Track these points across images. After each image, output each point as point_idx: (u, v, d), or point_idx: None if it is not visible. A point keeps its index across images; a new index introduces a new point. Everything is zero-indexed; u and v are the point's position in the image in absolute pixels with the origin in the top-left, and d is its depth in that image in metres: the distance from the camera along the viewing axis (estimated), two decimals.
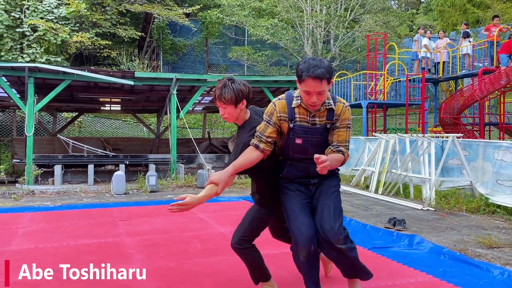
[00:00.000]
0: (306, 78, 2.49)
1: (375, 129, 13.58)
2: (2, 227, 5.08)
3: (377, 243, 4.33)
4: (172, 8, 18.03)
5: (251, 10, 19.27)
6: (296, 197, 2.69)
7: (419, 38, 13.71)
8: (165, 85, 10.24)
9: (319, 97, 2.54)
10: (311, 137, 2.66)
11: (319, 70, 2.47)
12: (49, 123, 14.90)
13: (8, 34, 14.20)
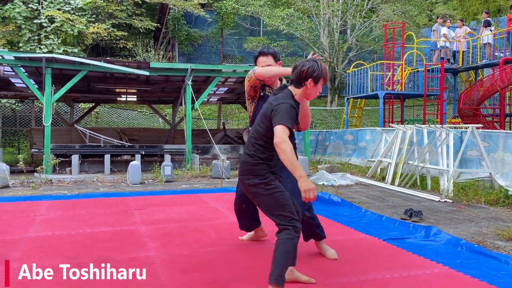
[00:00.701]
0: None
1: (392, 120, 13.39)
2: (21, 215, 5.17)
3: (393, 234, 4.27)
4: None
5: (266, 0, 19.11)
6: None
7: (438, 27, 13.42)
8: (180, 75, 10.25)
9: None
10: None
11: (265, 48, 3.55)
12: (67, 113, 15.11)
13: (26, 25, 14.39)
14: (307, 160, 9.82)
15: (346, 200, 6.15)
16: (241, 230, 3.94)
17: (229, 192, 7.00)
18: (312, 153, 13.26)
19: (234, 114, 19.25)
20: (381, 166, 8.96)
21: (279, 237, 2.71)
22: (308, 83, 2.77)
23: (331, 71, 19.01)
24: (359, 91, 13.33)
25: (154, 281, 2.99)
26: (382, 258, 3.53)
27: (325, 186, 7.65)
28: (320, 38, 18.96)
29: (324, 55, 18.83)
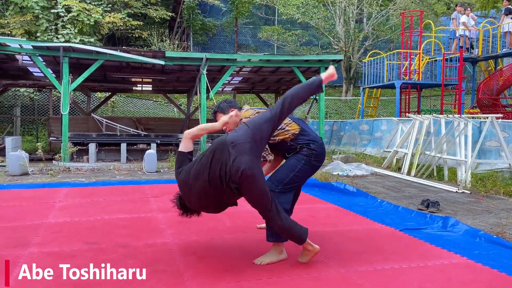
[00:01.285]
0: None
1: (409, 110, 13.22)
2: (40, 201, 5.28)
3: (409, 225, 4.24)
4: None
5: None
6: None
7: (457, 15, 13.13)
8: (195, 65, 10.25)
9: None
10: None
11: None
12: (84, 102, 15.29)
13: (43, 15, 14.53)
14: None
15: (361, 190, 6.12)
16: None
17: None
18: (326, 143, 13.19)
19: (249, 103, 19.24)
20: (397, 156, 8.87)
21: None
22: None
23: (347, 61, 18.78)
24: (375, 81, 13.16)
25: (171, 267, 3.03)
26: (399, 248, 3.51)
27: (340, 176, 7.61)
28: (335, 27, 18.71)
29: (340, 45, 18.62)
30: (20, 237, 3.70)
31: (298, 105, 3.28)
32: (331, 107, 19.25)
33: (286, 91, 12.92)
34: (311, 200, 5.54)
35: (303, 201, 5.45)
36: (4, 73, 11.53)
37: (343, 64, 18.87)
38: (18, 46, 8.89)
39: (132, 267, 2.99)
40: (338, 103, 19.77)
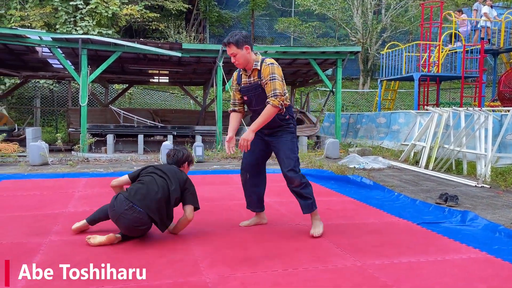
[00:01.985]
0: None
1: (427, 103, 13.02)
2: (60, 191, 5.38)
3: (427, 218, 4.19)
4: None
5: None
6: (253, 142, 3.49)
7: (479, 6, 12.82)
8: (212, 57, 10.26)
9: (234, 58, 3.47)
10: (251, 93, 3.55)
11: (226, 39, 3.46)
12: (102, 94, 15.48)
13: (62, 7, 14.71)
14: (338, 143, 9.71)
15: (378, 183, 6.07)
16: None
17: None
18: (343, 136, 13.10)
19: None
20: (414, 149, 8.76)
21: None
22: (185, 166, 3.74)
23: (364, 53, 18.55)
24: (393, 73, 12.98)
25: (189, 256, 3.06)
26: (416, 242, 3.48)
27: (356, 169, 7.56)
28: (353, 19, 18.48)
29: (357, 36, 18.39)
30: (40, 226, 3.78)
31: None
32: (347, 100, 19.09)
33: (302, 83, 12.79)
34: (327, 193, 5.53)
35: (319, 193, 5.44)
36: (24, 65, 11.74)
37: (361, 56, 18.65)
38: (38, 38, 9.03)
39: (149, 256, 3.04)
40: (355, 96, 19.59)
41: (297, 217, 4.20)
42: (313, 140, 11.33)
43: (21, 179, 6.22)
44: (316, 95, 18.95)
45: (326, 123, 14.65)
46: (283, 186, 5.87)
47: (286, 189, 5.66)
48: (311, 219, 3.65)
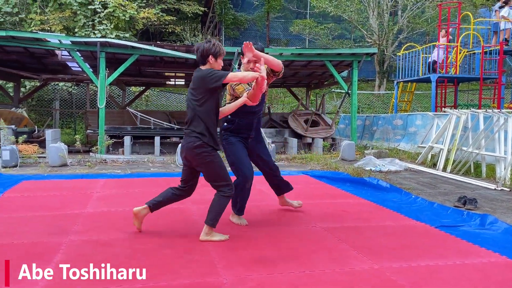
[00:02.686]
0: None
1: (445, 104, 12.84)
2: (79, 192, 5.48)
3: (445, 222, 4.14)
4: None
5: None
6: (242, 147, 3.94)
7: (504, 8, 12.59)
8: (227, 59, 10.30)
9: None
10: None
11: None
12: (119, 96, 15.68)
13: (81, 11, 14.97)
14: (354, 145, 9.65)
15: (395, 185, 6.02)
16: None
17: None
18: (359, 138, 13.01)
19: (279, 98, 19.18)
20: (432, 152, 8.65)
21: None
22: (210, 59, 3.43)
23: (380, 54, 18.40)
24: (409, 75, 12.85)
25: (205, 257, 3.09)
26: (434, 245, 3.44)
27: (372, 172, 7.50)
28: (369, 20, 18.35)
29: (373, 38, 18.25)
30: (60, 225, 3.86)
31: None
32: (363, 102, 18.95)
33: (317, 85, 12.75)
34: (343, 195, 5.50)
35: (334, 195, 5.43)
36: (44, 68, 11.98)
37: (377, 57, 18.51)
38: (58, 42, 9.21)
39: (167, 257, 3.08)
40: (371, 97, 19.44)
41: (313, 219, 4.20)
42: (329, 142, 11.29)
43: (41, 180, 6.35)
44: (331, 97, 18.87)
45: (342, 125, 14.57)
46: (300, 188, 5.87)
47: (301, 191, 5.67)
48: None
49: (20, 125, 10.44)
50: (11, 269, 2.79)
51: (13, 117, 10.51)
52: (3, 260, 2.87)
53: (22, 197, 5.10)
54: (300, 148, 10.87)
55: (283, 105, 18.47)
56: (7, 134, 8.56)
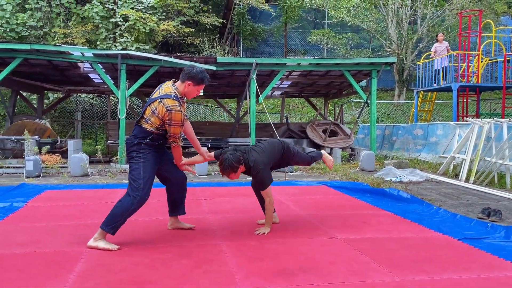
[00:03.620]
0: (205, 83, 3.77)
1: (467, 114, 12.61)
2: (100, 201, 5.55)
3: (469, 234, 4.04)
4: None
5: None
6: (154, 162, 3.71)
7: None
8: (245, 69, 10.39)
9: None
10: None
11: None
12: (139, 107, 15.92)
13: (103, 24, 15.33)
14: (373, 155, 9.54)
15: (416, 196, 5.91)
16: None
17: (292, 185, 7.02)
18: (378, 148, 12.87)
19: (297, 108, 19.17)
20: (454, 162, 8.48)
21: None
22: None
23: (399, 63, 18.24)
24: (430, 84, 12.69)
25: (223, 268, 3.08)
26: (458, 258, 3.36)
27: (393, 182, 7.39)
28: (387, 29, 18.25)
29: (392, 47, 18.13)
30: (81, 235, 3.91)
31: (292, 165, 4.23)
32: (382, 111, 18.77)
33: (335, 95, 12.69)
34: (363, 206, 5.43)
35: (354, 206, 5.36)
36: (67, 80, 12.28)
37: (396, 67, 18.36)
38: (80, 54, 9.44)
39: (186, 267, 3.08)
40: (390, 107, 19.24)
41: (333, 230, 4.16)
42: (348, 152, 11.19)
43: (63, 190, 6.47)
44: (350, 107, 18.75)
45: (361, 135, 14.44)
46: (318, 199, 5.83)
47: (320, 202, 5.62)
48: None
49: (44, 136, 10.69)
50: (34, 278, 2.85)
51: (37, 128, 10.76)
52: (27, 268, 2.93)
53: (45, 207, 5.20)
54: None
55: (301, 115, 18.44)
56: (31, 144, 8.77)
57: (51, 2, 15.59)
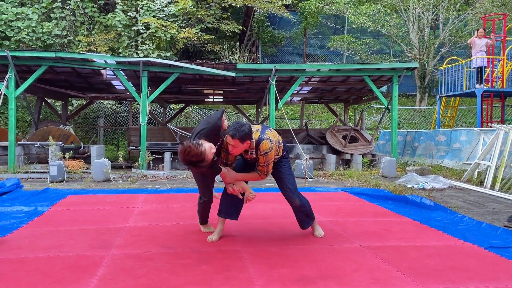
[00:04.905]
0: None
1: (491, 120, 12.32)
2: (121, 206, 5.62)
3: (495, 243, 3.92)
4: (272, 1, 18.24)
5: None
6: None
7: None
8: (265, 76, 10.41)
9: (232, 148, 3.59)
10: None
11: (232, 132, 3.47)
12: (160, 113, 16.13)
13: (125, 32, 15.63)
14: (395, 162, 9.40)
15: (439, 204, 5.79)
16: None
17: (312, 192, 6.97)
18: (399, 154, 12.68)
19: (317, 114, 19.08)
20: (478, 169, 8.28)
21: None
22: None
23: (421, 69, 17.99)
24: (452, 89, 12.46)
25: (244, 274, 3.07)
26: (484, 267, 3.26)
27: (415, 189, 7.26)
28: (408, 34, 18.04)
29: (413, 52, 17.90)
30: (104, 239, 3.96)
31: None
32: (404, 117, 18.51)
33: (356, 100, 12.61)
34: (384, 213, 5.34)
35: (375, 213, 5.28)
36: (90, 87, 12.54)
37: (417, 72, 18.11)
38: (103, 62, 9.63)
39: (206, 273, 3.08)
40: (412, 113, 18.96)
41: (354, 237, 4.10)
42: (368, 158, 11.06)
43: (86, 195, 6.58)
44: (370, 112, 18.57)
45: (382, 141, 14.26)
46: (339, 205, 5.77)
47: (341, 208, 5.56)
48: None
49: (67, 142, 10.92)
50: (57, 281, 2.89)
51: (61, 134, 11.01)
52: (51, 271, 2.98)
53: (68, 211, 5.29)
54: (338, 165, 10.72)
55: (320, 121, 18.34)
56: (55, 150, 8.97)
57: (75, 11, 15.98)
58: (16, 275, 3.02)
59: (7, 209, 5.31)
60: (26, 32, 14.96)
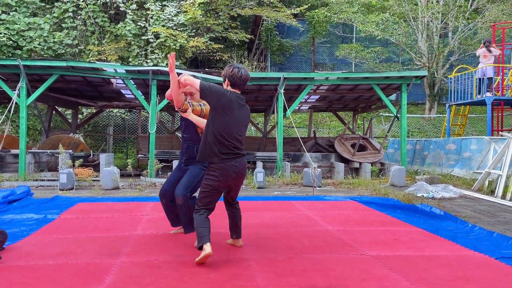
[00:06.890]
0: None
1: (502, 128, 12.20)
2: (130, 214, 5.64)
3: (507, 253, 3.87)
4: (280, 10, 18.34)
5: (360, 6, 18.70)
6: (176, 168, 4.67)
7: None
8: (273, 84, 10.44)
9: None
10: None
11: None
12: (169, 122, 16.21)
13: (135, 41, 15.80)
14: (404, 170, 9.32)
15: (449, 213, 5.72)
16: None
17: (321, 200, 6.94)
18: (409, 163, 12.58)
19: (325, 122, 19.05)
20: (489, 178, 8.19)
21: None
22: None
23: (430, 77, 17.90)
24: (462, 97, 12.38)
25: (251, 283, 3.06)
26: (495, 278, 3.21)
27: (425, 198, 7.19)
28: (417, 43, 18.00)
29: (422, 60, 17.84)
30: (112, 247, 3.98)
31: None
32: (413, 125, 18.40)
33: (364, 109, 12.57)
34: (394, 222, 5.30)
35: (384, 222, 5.24)
36: (100, 95, 12.67)
37: (427, 80, 18.03)
38: (113, 71, 9.74)
39: (214, 281, 3.07)
40: (421, 121, 18.85)
41: (363, 246, 4.07)
42: (377, 167, 10.99)
43: (95, 202, 6.62)
44: (379, 121, 18.49)
45: (391, 149, 14.18)
46: (347, 214, 5.74)
47: (349, 217, 5.53)
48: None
49: (77, 150, 11.02)
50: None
51: (71, 142, 11.12)
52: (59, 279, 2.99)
53: (77, 219, 5.33)
54: (347, 173, 10.67)
55: (329, 129, 18.31)
56: (65, 158, 9.05)
57: (86, 21, 16.21)
58: (25, 282, 3.04)
59: (17, 217, 5.36)
60: (38, 41, 15.20)
